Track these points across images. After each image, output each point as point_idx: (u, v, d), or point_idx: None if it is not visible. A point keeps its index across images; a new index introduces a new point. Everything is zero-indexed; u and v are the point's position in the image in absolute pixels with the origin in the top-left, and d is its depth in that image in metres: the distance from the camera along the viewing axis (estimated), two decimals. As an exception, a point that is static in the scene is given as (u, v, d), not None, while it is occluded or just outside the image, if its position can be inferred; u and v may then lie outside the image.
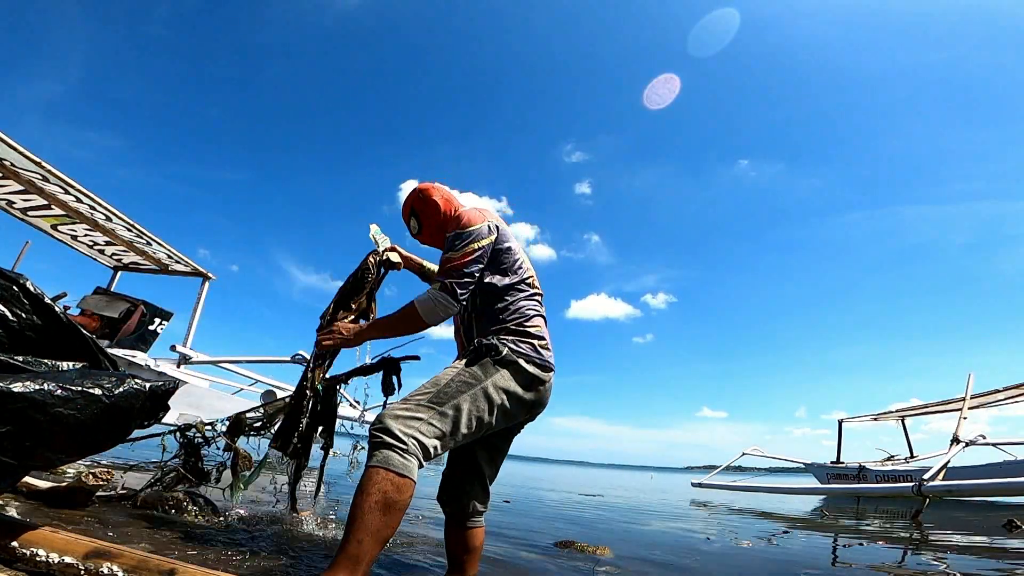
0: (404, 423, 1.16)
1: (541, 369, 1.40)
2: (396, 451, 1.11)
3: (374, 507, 1.04)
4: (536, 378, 1.38)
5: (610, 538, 3.07)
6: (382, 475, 1.08)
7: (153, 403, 1.23)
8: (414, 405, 1.21)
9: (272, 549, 1.83)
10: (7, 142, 3.57)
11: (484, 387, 1.29)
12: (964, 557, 2.91)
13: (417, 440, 1.15)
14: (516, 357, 1.35)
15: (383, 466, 1.09)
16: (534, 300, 1.50)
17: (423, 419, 1.18)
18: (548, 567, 2.07)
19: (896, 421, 11.25)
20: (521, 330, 1.42)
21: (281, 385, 6.44)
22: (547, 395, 1.46)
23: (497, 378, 1.31)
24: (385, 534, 1.05)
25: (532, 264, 1.60)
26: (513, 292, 1.47)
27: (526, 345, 1.39)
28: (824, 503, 8.08)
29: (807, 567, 2.44)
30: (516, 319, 1.43)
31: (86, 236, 5.39)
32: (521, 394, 1.36)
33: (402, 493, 1.08)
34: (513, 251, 1.50)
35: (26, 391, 0.98)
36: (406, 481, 1.09)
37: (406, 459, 1.11)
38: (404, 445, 1.12)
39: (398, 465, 1.09)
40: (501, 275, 1.47)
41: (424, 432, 1.17)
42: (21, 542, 1.15)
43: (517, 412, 1.39)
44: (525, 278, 1.50)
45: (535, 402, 1.42)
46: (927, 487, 4.80)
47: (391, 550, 2.06)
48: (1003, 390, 8.16)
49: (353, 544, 1.02)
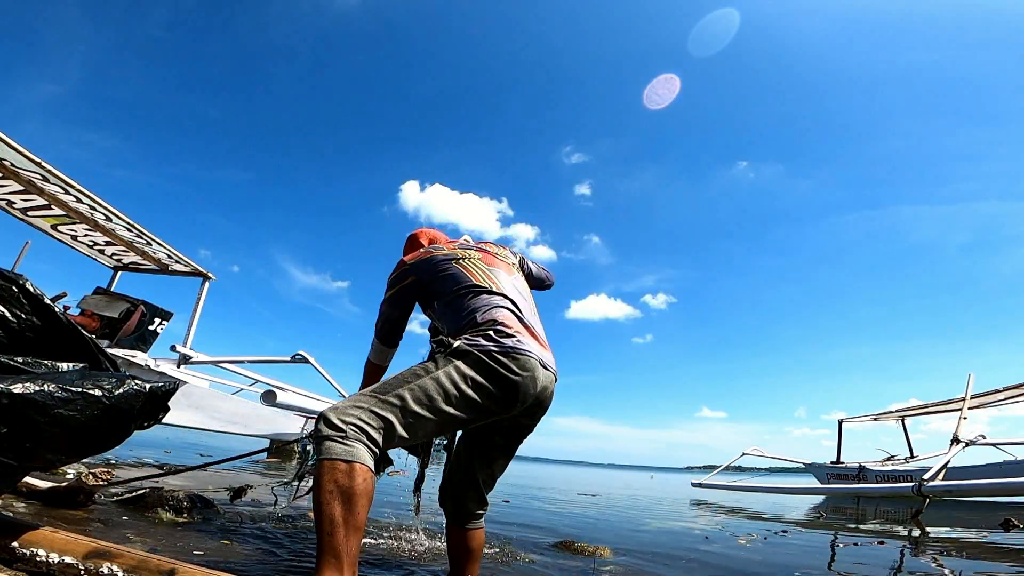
0: (342, 413, 1.16)
1: (505, 355, 1.33)
2: (335, 440, 1.11)
3: (330, 497, 1.04)
4: (502, 364, 1.32)
5: (610, 538, 3.07)
6: (328, 465, 1.08)
7: (153, 404, 1.23)
8: (356, 396, 1.23)
9: (273, 549, 1.83)
10: (7, 142, 3.57)
11: (435, 376, 1.27)
12: (964, 557, 2.91)
13: (357, 427, 1.14)
14: (470, 348, 1.33)
15: (327, 456, 1.09)
16: (482, 297, 1.51)
17: (363, 407, 1.18)
18: (548, 567, 2.07)
19: (896, 421, 11.25)
20: (471, 326, 1.42)
21: (281, 385, 6.44)
22: (535, 388, 1.38)
23: (451, 368, 1.29)
24: (354, 522, 1.04)
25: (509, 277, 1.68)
26: (455, 302, 1.53)
27: (480, 337, 1.37)
28: (824, 503, 8.09)
29: (807, 567, 2.44)
30: (465, 320, 1.46)
31: (86, 236, 5.39)
32: (486, 383, 1.30)
33: (353, 478, 1.06)
34: (451, 274, 1.59)
35: (26, 392, 0.98)
36: (355, 466, 1.08)
37: (347, 445, 1.11)
38: (343, 432, 1.12)
39: (340, 452, 1.09)
40: (439, 297, 1.59)
41: (365, 419, 1.16)
42: (21, 542, 1.15)
43: (493, 401, 1.32)
44: (467, 284, 1.55)
45: (513, 394, 1.34)
46: (927, 487, 4.80)
47: (390, 551, 2.07)
48: (1003, 390, 8.16)
49: (325, 538, 1.02)
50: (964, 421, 6.38)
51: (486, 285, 1.56)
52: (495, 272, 1.64)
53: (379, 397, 1.23)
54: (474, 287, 1.55)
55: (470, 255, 1.67)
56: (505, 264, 1.74)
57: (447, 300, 1.56)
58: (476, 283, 1.56)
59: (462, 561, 1.51)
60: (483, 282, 1.57)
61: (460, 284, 1.56)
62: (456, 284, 1.57)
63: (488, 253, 1.73)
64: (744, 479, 8.43)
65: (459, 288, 1.56)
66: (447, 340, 1.37)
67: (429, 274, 1.63)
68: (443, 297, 1.58)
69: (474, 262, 1.65)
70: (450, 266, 1.62)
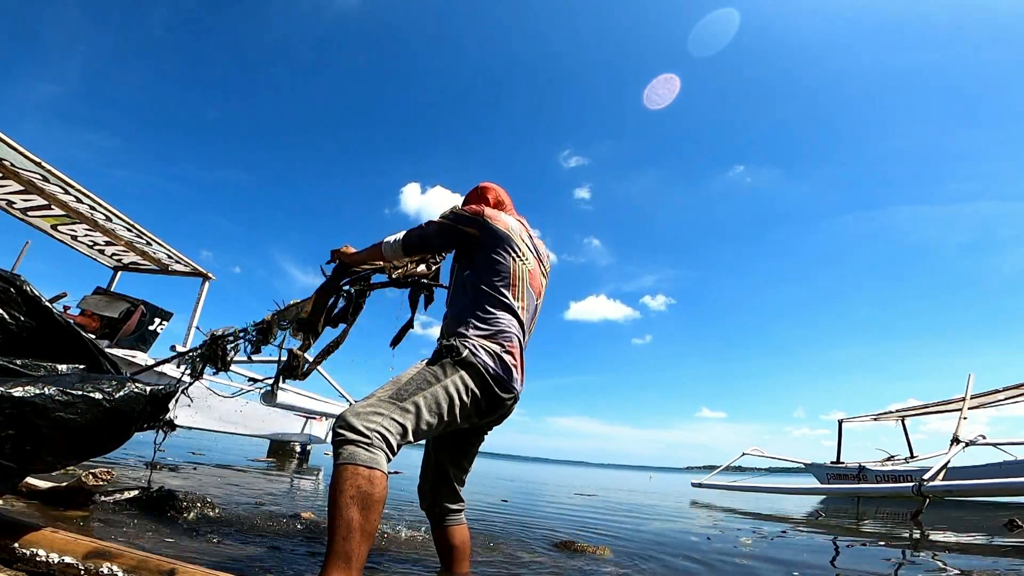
0: (366, 419, 1.18)
1: (500, 381, 1.42)
2: (360, 446, 1.13)
3: (350, 503, 1.06)
4: (498, 385, 1.42)
5: (610, 538, 3.07)
6: (351, 470, 1.10)
7: (154, 407, 1.23)
8: (375, 401, 1.24)
9: (273, 549, 1.84)
10: (7, 142, 3.57)
11: (444, 385, 1.33)
12: (964, 557, 2.91)
13: (380, 434, 1.17)
14: (475, 360, 1.39)
15: (350, 462, 1.11)
16: (506, 317, 1.52)
17: (384, 414, 1.21)
18: (548, 567, 2.07)
19: (896, 421, 11.25)
20: (483, 333, 1.46)
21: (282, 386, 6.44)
22: (509, 409, 1.53)
23: (456, 378, 1.35)
24: (368, 528, 1.07)
25: (535, 306, 1.68)
26: (485, 295, 1.53)
27: (485, 352, 1.41)
28: (824, 503, 8.09)
29: (806, 567, 2.44)
30: (482, 325, 1.48)
31: (86, 236, 5.39)
32: (480, 396, 1.40)
33: (375, 485, 1.10)
34: (502, 267, 1.56)
35: (27, 395, 0.98)
36: (375, 473, 1.11)
37: (372, 452, 1.13)
38: (368, 439, 1.14)
39: (365, 459, 1.11)
40: (477, 272, 1.56)
41: (386, 427, 1.19)
42: (21, 542, 1.15)
43: (477, 412, 1.42)
44: (505, 290, 1.54)
45: (496, 410, 1.47)
46: (927, 487, 4.80)
47: (388, 550, 2.07)
48: (1003, 390, 8.16)
49: (339, 542, 1.03)
50: (964, 421, 6.38)
51: (516, 306, 1.55)
52: (530, 297, 1.63)
53: (398, 405, 1.25)
54: (507, 300, 1.54)
55: (527, 260, 1.63)
56: (540, 285, 1.72)
57: (480, 285, 1.53)
58: (512, 298, 1.55)
59: (451, 558, 1.58)
60: (517, 301, 1.56)
61: (500, 283, 1.54)
62: (498, 280, 1.54)
63: (535, 273, 1.68)
64: (744, 479, 8.42)
65: (497, 286, 1.53)
66: (454, 344, 1.41)
67: (490, 246, 1.57)
68: (480, 275, 1.54)
69: (523, 274, 1.60)
70: (508, 259, 1.57)
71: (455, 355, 1.38)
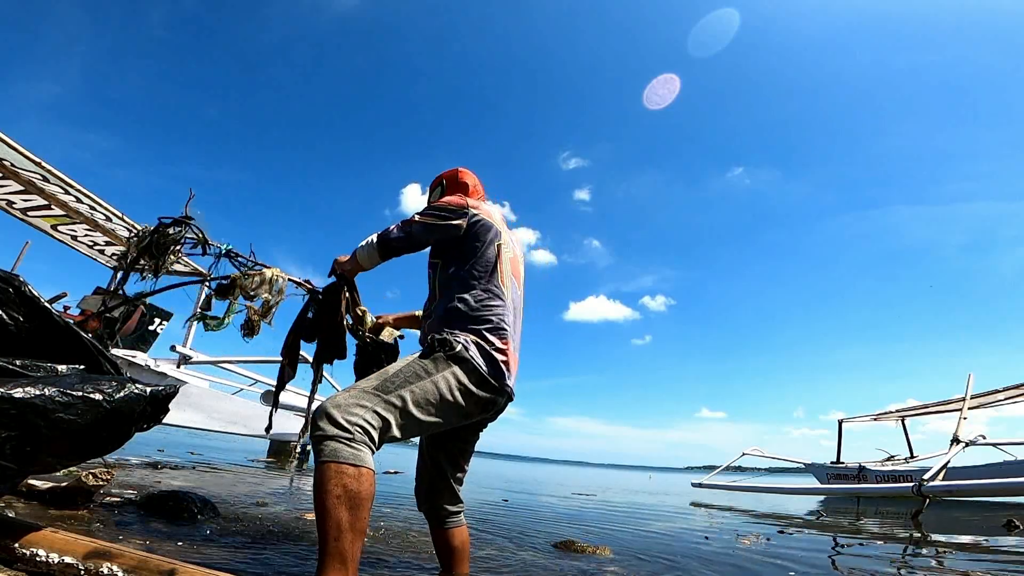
0: (347, 411, 1.11)
1: (494, 374, 1.37)
2: (342, 441, 1.07)
3: (337, 503, 1.02)
4: (492, 376, 1.35)
5: (610, 538, 3.07)
6: (335, 469, 1.04)
7: (154, 407, 1.23)
8: (359, 392, 1.17)
9: (273, 549, 1.84)
10: (7, 142, 3.57)
11: (434, 380, 1.26)
12: (964, 557, 2.91)
13: (361, 427, 1.11)
14: (468, 355, 1.32)
15: (333, 459, 1.05)
16: (496, 304, 1.47)
17: (367, 407, 1.14)
18: (548, 567, 2.07)
19: (896, 421, 11.24)
20: (472, 325, 1.40)
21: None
22: (504, 403, 1.47)
23: (448, 374, 1.28)
24: (359, 526, 1.04)
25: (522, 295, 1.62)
26: (472, 283, 1.47)
27: (475, 346, 1.36)
28: (824, 503, 8.09)
29: (806, 567, 2.44)
30: (472, 315, 1.42)
31: (86, 236, 5.39)
32: (475, 391, 1.33)
33: (361, 483, 1.05)
34: (486, 255, 1.51)
35: (27, 396, 0.98)
36: (361, 470, 1.06)
37: (354, 448, 1.08)
38: (349, 434, 1.08)
39: (348, 456, 1.06)
40: (461, 264, 1.50)
41: (368, 420, 1.13)
42: (21, 542, 1.15)
43: (473, 410, 1.35)
44: (491, 277, 1.49)
45: (491, 405, 1.40)
46: (927, 487, 4.80)
47: (387, 551, 2.07)
48: (1003, 390, 8.16)
49: (331, 543, 1.01)
50: (964, 421, 6.38)
51: (503, 292, 1.50)
52: (515, 280, 1.57)
53: (382, 397, 1.18)
54: (494, 287, 1.49)
55: (509, 248, 1.57)
56: (520, 273, 1.65)
57: (465, 274, 1.48)
58: (499, 285, 1.50)
59: (450, 560, 1.54)
60: (504, 287, 1.51)
61: (489, 275, 1.49)
62: (486, 272, 1.49)
63: (516, 261, 1.63)
64: (744, 479, 8.43)
65: (486, 278, 1.48)
66: (446, 338, 1.34)
67: (476, 238, 1.51)
68: (464, 267, 1.49)
69: (507, 258, 1.55)
70: (491, 247, 1.52)
71: (448, 349, 1.31)
